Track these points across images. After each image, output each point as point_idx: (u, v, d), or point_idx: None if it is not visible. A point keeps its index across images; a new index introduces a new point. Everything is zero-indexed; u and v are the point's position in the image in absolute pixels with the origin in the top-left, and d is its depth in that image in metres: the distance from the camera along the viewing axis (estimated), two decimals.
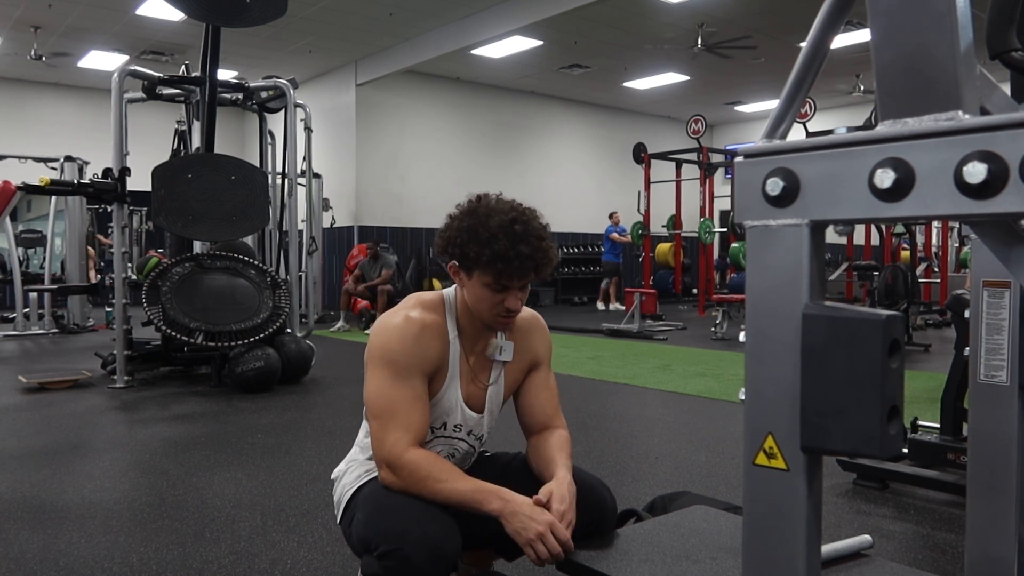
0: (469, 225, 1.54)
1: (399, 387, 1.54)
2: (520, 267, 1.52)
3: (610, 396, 5.01)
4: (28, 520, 2.61)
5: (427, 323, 1.60)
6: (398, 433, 1.51)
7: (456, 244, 1.55)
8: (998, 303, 1.16)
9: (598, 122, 15.04)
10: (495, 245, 1.50)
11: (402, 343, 1.56)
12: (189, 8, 5.16)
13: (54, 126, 12.25)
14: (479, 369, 1.70)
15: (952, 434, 2.83)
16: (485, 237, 1.51)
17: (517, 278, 1.55)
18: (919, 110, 0.70)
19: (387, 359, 1.56)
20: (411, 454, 1.50)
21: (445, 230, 1.60)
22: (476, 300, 1.59)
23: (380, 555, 1.43)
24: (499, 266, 1.51)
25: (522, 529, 1.42)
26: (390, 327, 1.59)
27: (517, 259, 1.51)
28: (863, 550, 1.61)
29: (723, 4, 9.17)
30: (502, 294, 1.56)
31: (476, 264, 1.53)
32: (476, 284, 1.57)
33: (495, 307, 1.58)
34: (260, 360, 4.99)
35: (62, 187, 6.44)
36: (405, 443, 1.51)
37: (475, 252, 1.52)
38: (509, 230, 1.51)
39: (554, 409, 1.78)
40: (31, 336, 8.39)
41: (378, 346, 1.58)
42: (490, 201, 1.60)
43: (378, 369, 1.57)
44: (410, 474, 1.48)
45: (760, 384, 0.80)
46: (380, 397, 1.55)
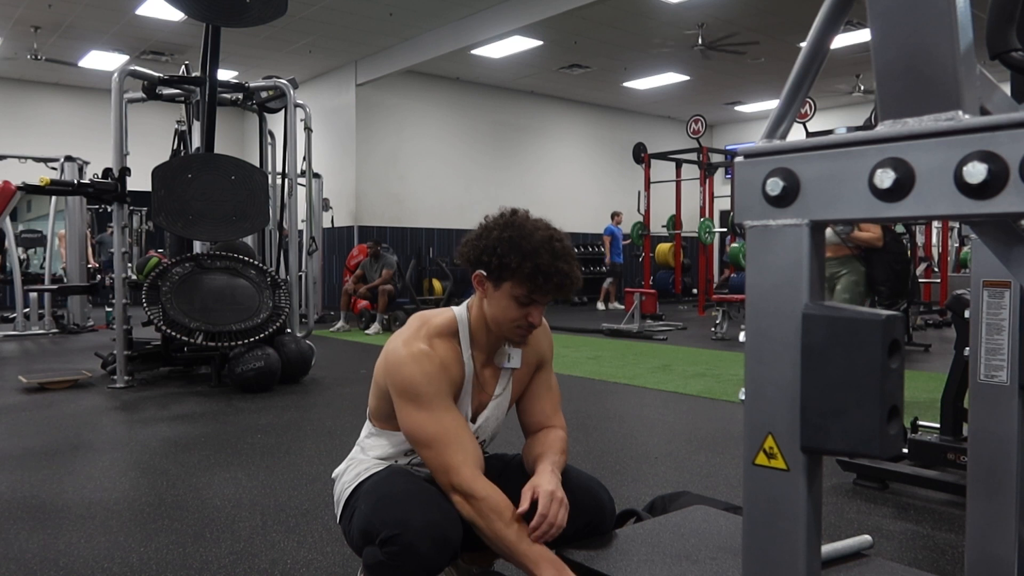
0: (510, 236, 1.55)
1: (438, 415, 1.55)
2: (558, 284, 1.55)
3: (610, 396, 5.01)
4: (28, 520, 2.61)
5: (445, 359, 1.60)
6: (459, 456, 1.52)
7: (495, 254, 1.56)
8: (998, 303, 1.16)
9: (598, 122, 15.05)
10: (537, 259, 1.52)
11: (425, 376, 1.56)
12: (189, 8, 5.15)
13: (54, 126, 12.26)
14: (488, 380, 1.71)
15: (952, 434, 2.83)
16: (528, 249, 1.53)
17: (551, 293, 1.57)
18: (919, 110, 0.70)
19: (415, 394, 1.56)
20: (482, 484, 1.51)
21: (479, 239, 1.60)
22: (500, 311, 1.59)
23: (382, 541, 1.43)
24: (539, 280, 1.53)
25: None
26: (410, 362, 1.57)
27: (557, 275, 1.54)
28: (863, 550, 1.61)
29: (723, 4, 9.17)
30: (527, 308, 1.58)
31: (513, 275, 1.55)
32: (503, 295, 1.58)
33: (518, 320, 1.59)
34: (260, 360, 4.99)
35: (62, 187, 6.44)
36: (472, 469, 1.53)
37: (516, 263, 1.53)
38: (550, 246, 1.54)
39: (553, 409, 1.78)
40: (31, 336, 8.39)
41: (402, 382, 1.57)
42: (527, 216, 1.61)
43: (409, 403, 1.57)
44: (480, 505, 1.49)
45: (760, 384, 0.80)
46: (424, 427, 1.55)
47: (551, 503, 1.49)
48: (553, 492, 1.51)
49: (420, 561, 1.42)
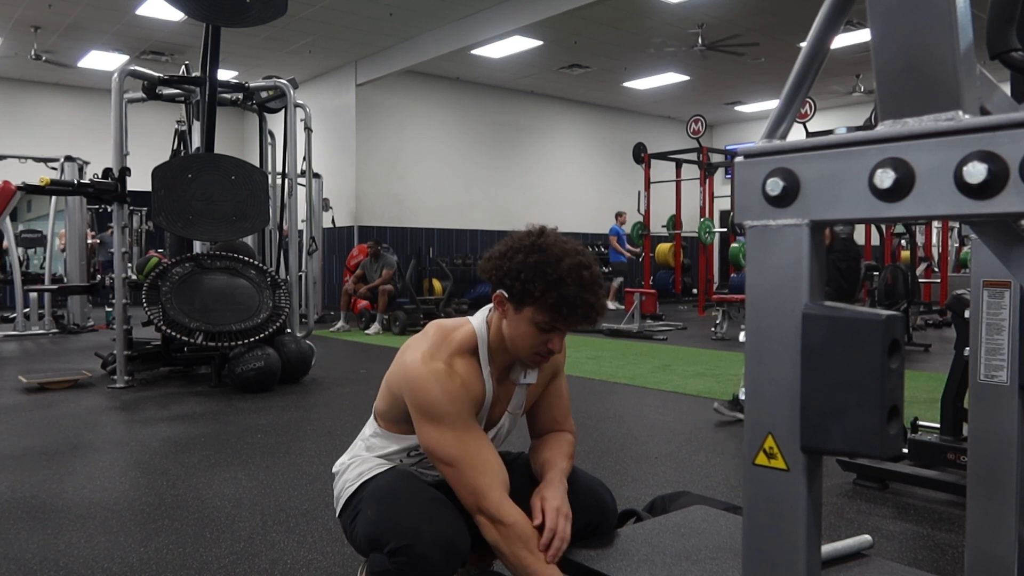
0: (536, 262, 1.47)
1: (461, 434, 1.51)
2: (583, 315, 1.48)
3: (610, 396, 5.01)
4: (28, 520, 2.61)
5: (466, 378, 1.56)
6: (486, 479, 1.49)
7: (518, 279, 1.48)
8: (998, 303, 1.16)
9: (598, 122, 15.04)
10: (563, 289, 1.45)
11: (448, 398, 1.51)
12: (189, 8, 5.15)
13: (54, 126, 12.25)
14: (503, 394, 1.68)
15: (952, 434, 2.83)
16: (554, 279, 1.46)
17: (576, 325, 1.51)
18: (919, 110, 0.70)
19: (437, 414, 1.51)
20: (509, 509, 1.48)
21: (503, 259, 1.52)
22: (519, 336, 1.53)
23: (391, 552, 1.43)
24: (564, 311, 1.47)
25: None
26: (431, 383, 1.52)
27: (583, 306, 1.47)
28: (863, 550, 1.61)
29: (723, 4, 9.17)
30: (548, 334, 1.52)
31: (536, 303, 1.48)
32: (524, 320, 1.51)
33: (537, 346, 1.53)
34: (260, 360, 4.99)
35: (62, 187, 6.44)
36: (500, 492, 1.49)
37: (540, 291, 1.46)
38: (577, 275, 1.47)
39: (563, 415, 1.78)
40: (31, 336, 8.39)
41: (424, 402, 1.52)
42: (556, 238, 1.53)
43: (431, 423, 1.52)
44: (508, 531, 1.46)
45: (760, 384, 0.80)
46: (447, 447, 1.50)
47: (558, 518, 1.51)
48: (559, 508, 1.52)
49: (430, 572, 1.41)
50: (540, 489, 1.58)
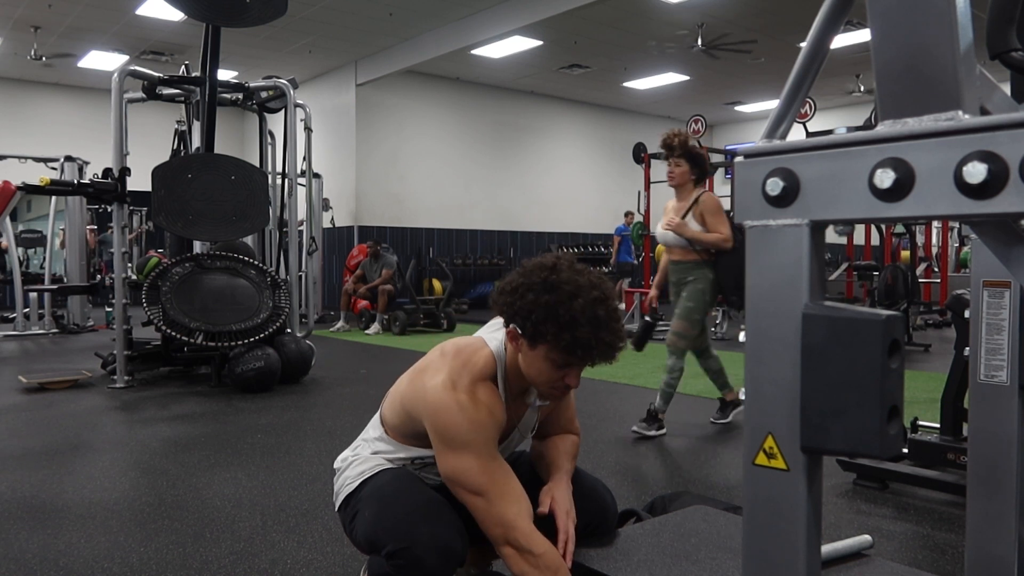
0: (548, 302, 1.41)
1: (487, 462, 1.48)
2: (601, 354, 1.44)
3: (610, 396, 5.00)
4: (28, 520, 2.61)
5: (489, 403, 1.51)
6: (514, 509, 1.46)
7: (529, 319, 1.43)
8: (998, 303, 1.16)
9: (598, 122, 15.04)
10: (577, 331, 1.39)
11: (474, 427, 1.48)
12: (189, 8, 5.15)
13: (54, 126, 12.25)
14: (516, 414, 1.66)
15: (952, 434, 2.83)
16: (566, 320, 1.39)
17: (593, 364, 1.46)
18: (919, 110, 0.70)
19: (462, 442, 1.48)
20: (538, 540, 1.46)
21: (514, 296, 1.46)
22: (534, 372, 1.49)
23: (389, 554, 1.43)
24: (579, 353, 1.42)
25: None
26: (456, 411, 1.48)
27: (599, 347, 1.42)
28: (863, 550, 1.61)
29: (723, 4, 9.17)
30: (564, 370, 1.47)
31: (550, 343, 1.43)
32: (539, 357, 1.46)
33: (554, 381, 1.50)
34: (260, 360, 4.99)
35: (62, 187, 6.44)
36: (527, 521, 1.46)
37: (552, 334, 1.41)
38: (592, 315, 1.40)
39: (569, 420, 1.79)
40: (31, 336, 8.39)
41: (447, 429, 1.49)
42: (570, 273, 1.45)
43: (455, 451, 1.48)
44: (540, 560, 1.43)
45: (760, 384, 0.80)
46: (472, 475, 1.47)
47: (568, 522, 1.54)
48: (569, 512, 1.56)
49: (427, 574, 1.42)
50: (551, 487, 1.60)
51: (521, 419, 1.67)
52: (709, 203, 3.68)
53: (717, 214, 3.67)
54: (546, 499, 1.56)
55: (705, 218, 3.67)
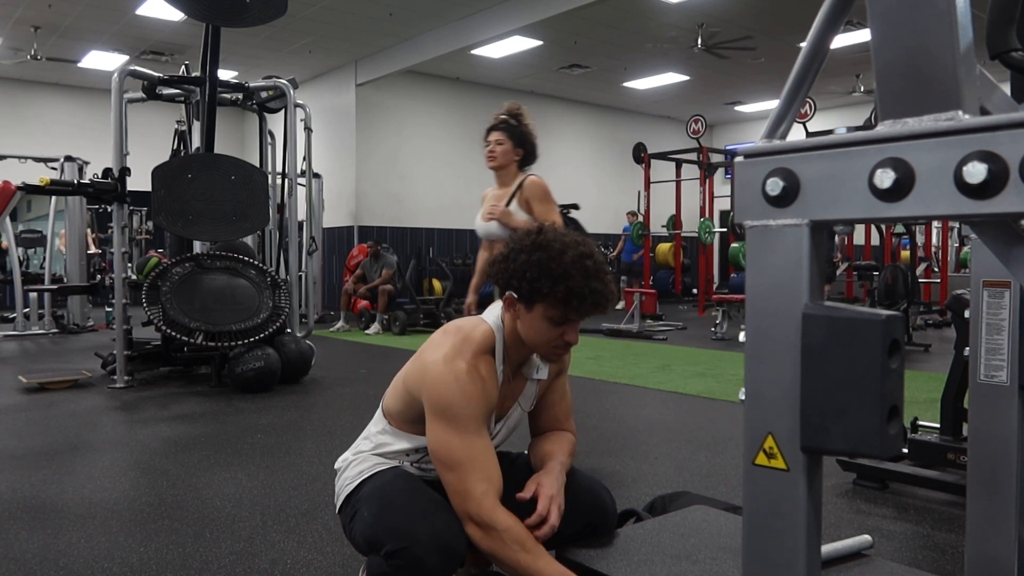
0: (540, 259, 1.50)
1: (469, 439, 1.51)
2: (593, 304, 1.51)
3: (610, 396, 5.01)
4: (28, 520, 2.61)
5: (485, 375, 1.56)
6: (483, 485, 1.48)
7: (524, 279, 1.51)
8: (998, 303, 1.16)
9: (598, 122, 15.04)
10: (570, 282, 1.48)
11: (466, 400, 1.52)
12: (189, 8, 5.15)
13: (54, 126, 12.25)
14: (513, 389, 1.69)
15: (952, 434, 2.83)
16: (559, 273, 1.48)
17: (588, 314, 1.53)
18: (919, 110, 0.70)
19: (452, 414, 1.51)
20: (503, 515, 1.47)
21: (507, 262, 1.56)
22: (534, 333, 1.56)
23: (388, 554, 1.43)
24: (574, 303, 1.49)
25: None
26: (450, 382, 1.52)
27: (591, 296, 1.50)
28: (863, 550, 1.61)
29: (723, 4, 9.17)
30: (563, 327, 1.54)
31: (546, 299, 1.50)
32: (537, 317, 1.54)
33: (554, 340, 1.55)
34: (260, 360, 4.99)
35: (62, 187, 6.44)
36: (493, 498, 1.48)
37: (548, 287, 1.49)
38: (581, 266, 1.50)
39: (565, 415, 1.80)
40: (31, 336, 8.39)
41: (440, 399, 1.53)
42: (556, 234, 1.56)
43: (443, 422, 1.52)
44: (503, 538, 1.45)
45: (760, 384, 0.80)
46: (452, 448, 1.50)
47: (551, 506, 1.53)
48: (553, 497, 1.54)
49: (426, 574, 1.41)
50: (538, 475, 1.60)
51: (522, 393, 1.71)
52: (535, 188, 3.12)
53: (546, 200, 3.14)
54: (531, 485, 1.56)
55: (532, 205, 3.12)
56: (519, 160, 3.19)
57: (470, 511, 1.48)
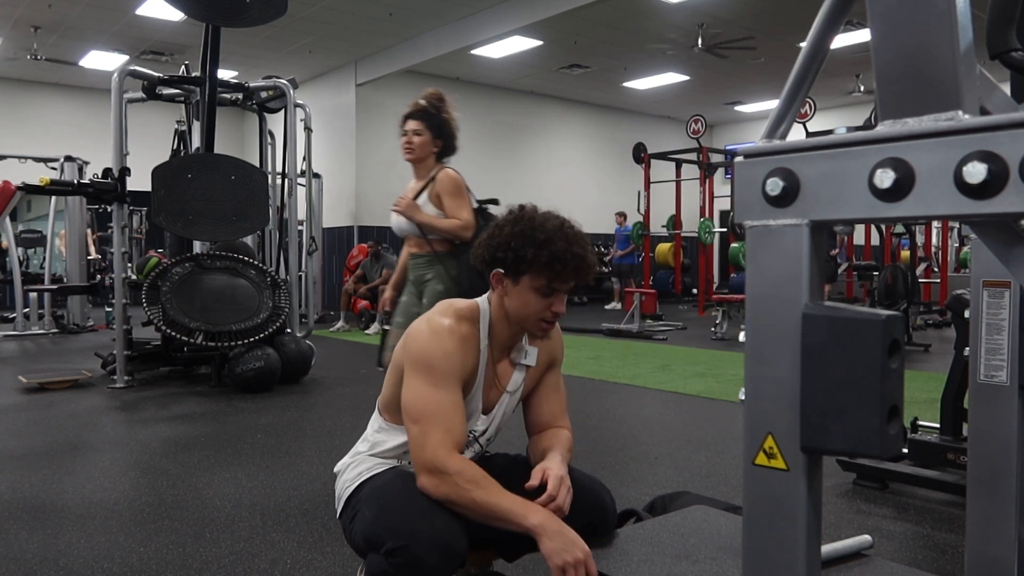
0: (522, 230, 1.56)
1: (439, 393, 1.54)
2: (576, 268, 1.56)
3: (610, 396, 5.01)
4: (28, 520, 2.61)
5: (465, 335, 1.60)
6: (439, 436, 1.51)
7: (510, 249, 1.56)
8: (998, 303, 1.16)
9: (598, 122, 15.04)
10: (552, 247, 1.53)
11: (441, 351, 1.56)
12: (189, 8, 5.15)
13: (54, 126, 12.25)
14: (502, 374, 1.71)
15: (952, 434, 2.83)
16: (542, 239, 1.54)
17: (572, 279, 1.58)
18: (919, 110, 0.70)
19: (427, 366, 1.56)
20: (456, 460, 1.49)
21: (492, 238, 1.61)
22: (522, 306, 1.60)
23: (388, 552, 1.43)
24: (557, 267, 1.54)
25: (560, 551, 1.39)
26: (430, 336, 1.58)
27: (573, 260, 1.55)
28: (863, 550, 1.61)
29: (723, 4, 9.17)
30: (550, 298, 1.58)
31: (531, 267, 1.55)
32: (524, 289, 1.58)
33: (542, 312, 1.59)
34: (260, 360, 4.99)
35: (62, 187, 6.44)
36: (448, 447, 1.50)
37: (532, 254, 1.54)
38: (563, 232, 1.56)
39: (561, 411, 1.79)
40: (31, 336, 8.38)
41: (417, 351, 1.58)
42: (535, 209, 1.63)
43: (417, 374, 1.56)
44: (456, 477, 1.46)
45: (760, 384, 0.80)
46: (420, 401, 1.55)
47: (560, 486, 1.52)
48: (563, 477, 1.54)
49: (427, 572, 1.41)
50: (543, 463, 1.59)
51: (510, 379, 1.72)
52: (447, 182, 2.96)
53: (457, 195, 2.95)
54: (538, 472, 1.55)
55: (442, 200, 2.93)
56: (437, 152, 3.06)
57: (424, 460, 1.50)
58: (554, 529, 1.41)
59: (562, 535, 1.41)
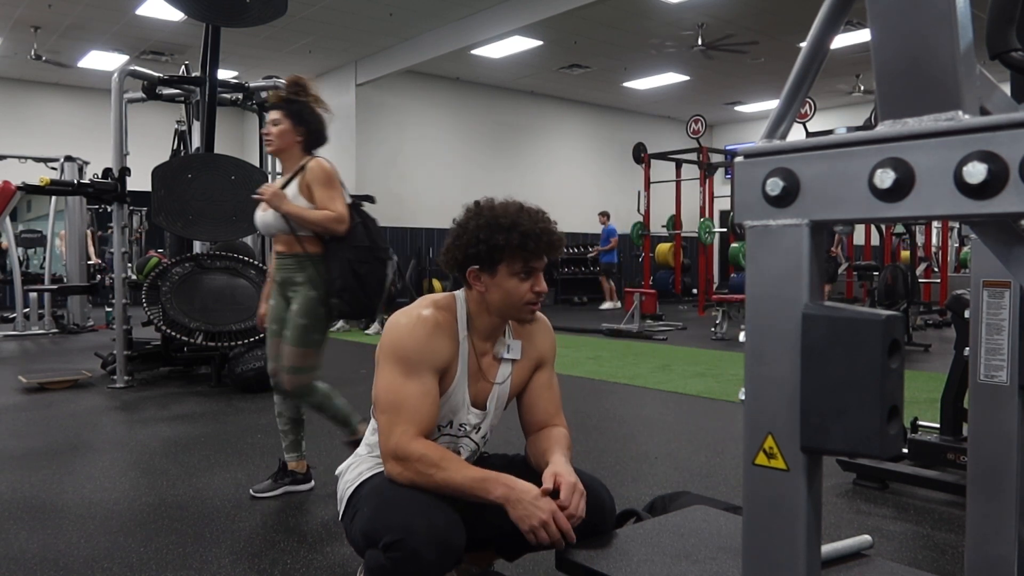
0: (487, 221, 1.60)
1: (409, 383, 1.57)
2: (547, 242, 1.60)
3: (610, 396, 5.01)
4: (28, 520, 2.61)
5: (439, 321, 1.63)
6: (404, 425, 1.54)
7: (480, 241, 1.59)
8: (998, 303, 1.16)
9: (598, 122, 15.04)
10: (520, 227, 1.57)
11: (414, 340, 1.59)
12: (189, 8, 5.16)
13: (54, 126, 12.25)
14: (487, 368, 1.71)
15: (952, 434, 2.83)
16: (507, 224, 1.58)
17: (545, 254, 1.62)
18: (919, 110, 0.70)
19: (398, 355, 1.58)
20: (417, 444, 1.53)
21: (459, 239, 1.64)
22: (505, 295, 1.62)
23: (385, 546, 1.43)
24: (531, 245, 1.58)
25: (526, 516, 1.45)
26: (402, 324, 1.61)
27: (544, 234, 1.60)
28: (863, 550, 1.61)
29: (723, 4, 9.17)
30: (530, 279, 1.61)
31: (504, 252, 1.58)
32: (503, 278, 1.61)
33: (525, 295, 1.62)
34: (260, 360, 4.98)
35: (62, 187, 6.44)
36: (411, 434, 1.54)
37: (503, 238, 1.57)
38: (525, 212, 1.62)
39: (556, 409, 1.78)
40: (31, 336, 8.38)
41: (390, 342, 1.61)
42: (490, 201, 1.67)
43: (389, 365, 1.59)
44: (417, 463, 1.50)
45: (760, 384, 0.80)
46: (389, 392, 1.57)
47: (573, 494, 1.52)
48: (575, 484, 1.54)
49: (424, 567, 1.41)
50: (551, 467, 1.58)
51: (497, 373, 1.73)
52: (318, 171, 2.67)
53: (329, 186, 2.66)
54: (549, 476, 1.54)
55: (313, 190, 2.65)
56: (303, 141, 2.76)
57: (388, 448, 1.54)
58: (516, 498, 1.47)
59: (525, 501, 1.46)
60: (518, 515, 1.46)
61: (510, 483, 1.49)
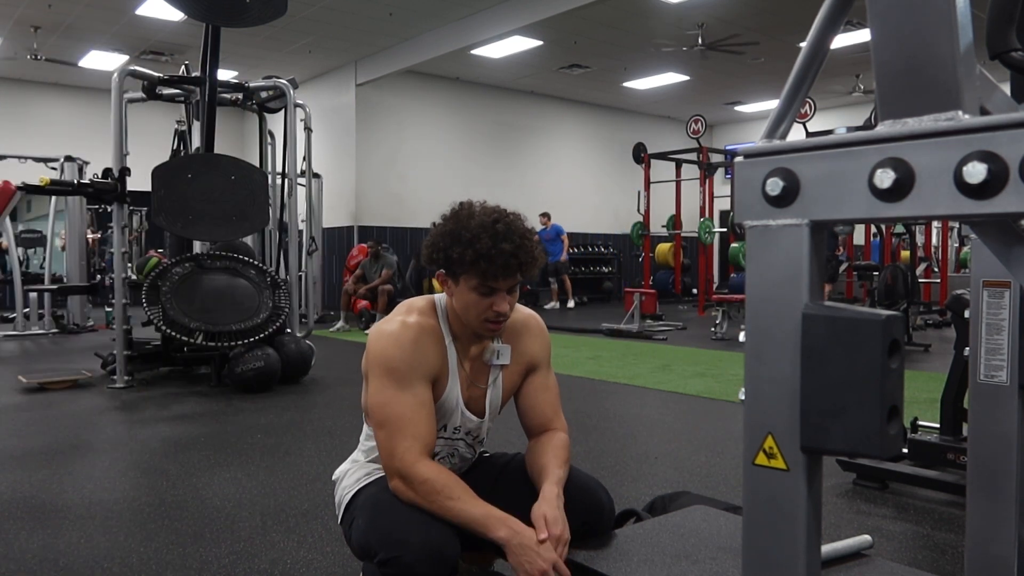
0: (451, 229, 1.54)
1: (403, 395, 1.53)
2: (504, 265, 1.50)
3: (610, 396, 5.01)
4: (28, 520, 2.61)
5: (423, 327, 1.59)
6: (407, 442, 1.50)
7: (440, 248, 1.55)
8: (998, 303, 1.16)
9: (598, 122, 15.04)
10: (477, 244, 1.49)
11: (400, 349, 1.55)
12: (189, 8, 5.15)
13: (54, 126, 12.25)
14: (477, 373, 1.69)
15: (952, 434, 2.83)
16: (467, 238, 1.50)
17: (502, 277, 1.52)
18: (919, 110, 0.70)
19: (387, 367, 1.54)
20: (424, 467, 1.49)
21: (430, 239, 1.59)
22: (465, 307, 1.57)
23: (381, 562, 1.43)
24: (483, 265, 1.49)
25: (527, 563, 1.42)
26: (386, 334, 1.57)
27: (500, 257, 1.49)
28: (863, 550, 1.61)
29: (723, 4, 9.17)
30: (490, 298, 1.54)
31: (461, 266, 1.52)
32: (463, 290, 1.55)
33: (484, 312, 1.55)
34: (260, 360, 4.98)
35: (62, 187, 6.45)
36: (416, 453, 1.50)
37: (459, 253, 1.51)
38: (491, 229, 1.50)
39: (554, 410, 1.77)
40: (31, 336, 8.38)
41: (377, 354, 1.57)
42: (472, 206, 1.59)
43: (379, 378, 1.55)
44: (423, 488, 1.47)
45: (760, 384, 0.80)
46: (384, 406, 1.54)
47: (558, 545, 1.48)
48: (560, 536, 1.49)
49: None
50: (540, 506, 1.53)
51: (487, 380, 1.70)
52: None
53: None
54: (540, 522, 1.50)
55: None
56: None
57: (392, 467, 1.51)
58: (519, 543, 1.43)
59: (528, 548, 1.42)
60: (518, 561, 1.42)
61: (514, 526, 1.45)
